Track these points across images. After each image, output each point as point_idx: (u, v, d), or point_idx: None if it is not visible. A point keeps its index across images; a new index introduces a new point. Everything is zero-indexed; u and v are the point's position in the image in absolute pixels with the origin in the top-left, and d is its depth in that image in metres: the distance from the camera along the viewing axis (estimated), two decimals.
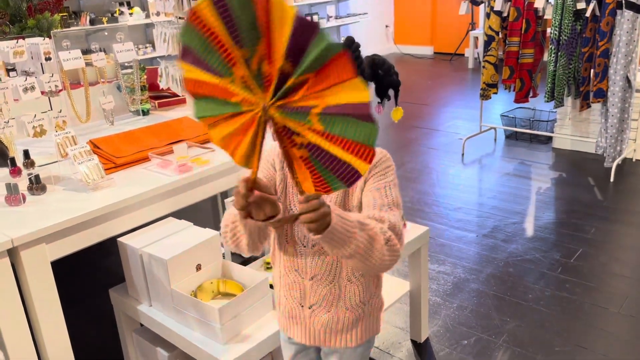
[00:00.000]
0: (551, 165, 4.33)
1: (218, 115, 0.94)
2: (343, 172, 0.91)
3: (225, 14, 0.83)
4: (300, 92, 0.85)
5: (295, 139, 0.90)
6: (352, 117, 0.85)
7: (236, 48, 0.85)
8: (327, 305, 1.34)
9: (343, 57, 0.83)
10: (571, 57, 4.02)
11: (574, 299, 2.62)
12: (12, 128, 2.05)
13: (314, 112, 0.86)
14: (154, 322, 1.77)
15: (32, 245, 1.59)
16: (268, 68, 0.85)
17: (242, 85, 0.88)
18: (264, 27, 0.82)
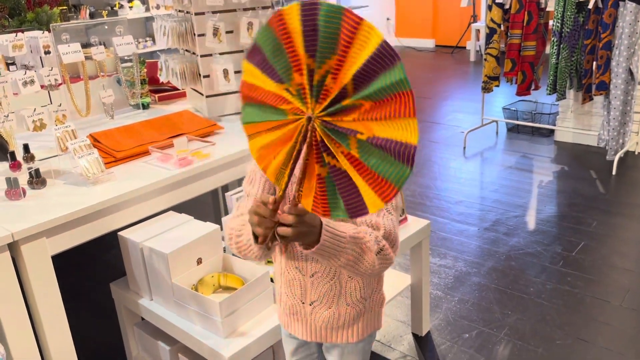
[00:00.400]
0: (553, 159, 4.31)
1: (263, 122, 0.95)
2: (353, 204, 0.91)
3: (309, 22, 0.83)
4: (351, 115, 0.85)
5: (325, 156, 0.90)
6: (392, 155, 0.85)
7: (306, 56, 0.85)
8: (328, 302, 1.33)
9: (408, 96, 0.82)
10: (573, 50, 3.99)
11: (576, 292, 2.61)
12: (11, 122, 2.05)
13: (357, 138, 0.86)
14: (155, 316, 1.77)
15: (32, 239, 1.59)
16: (331, 82, 0.84)
17: (297, 93, 0.88)
18: (343, 43, 0.82)
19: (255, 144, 0.98)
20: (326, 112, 0.87)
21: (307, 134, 0.89)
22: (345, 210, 0.93)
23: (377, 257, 1.16)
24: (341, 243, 1.08)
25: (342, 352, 1.43)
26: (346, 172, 0.89)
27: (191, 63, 2.47)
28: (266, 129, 0.95)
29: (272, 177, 0.99)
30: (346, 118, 0.86)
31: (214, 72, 2.39)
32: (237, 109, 2.52)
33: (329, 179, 0.92)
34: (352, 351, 1.43)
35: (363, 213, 0.91)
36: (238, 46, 2.42)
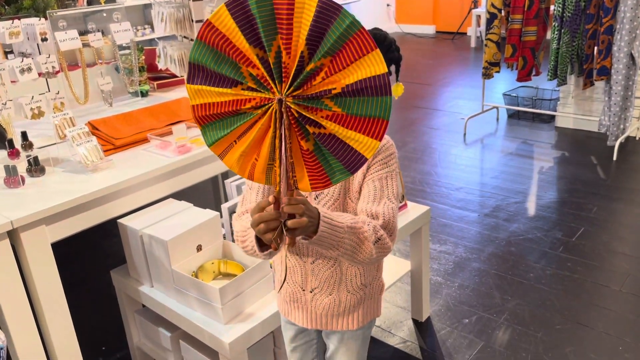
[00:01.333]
0: (554, 145, 4.30)
1: (230, 133, 0.94)
2: (350, 160, 0.91)
3: (241, 16, 0.84)
4: (317, 78, 0.85)
5: (309, 128, 0.90)
6: (369, 94, 0.85)
7: (252, 48, 0.85)
8: (329, 289, 1.34)
9: (361, 34, 0.82)
10: (575, 34, 3.97)
11: (575, 277, 2.62)
12: (9, 110, 2.04)
13: (332, 95, 0.86)
14: (156, 303, 1.78)
15: (32, 227, 1.59)
16: (286, 58, 0.85)
17: (258, 85, 0.88)
18: (284, 19, 0.83)
19: (231, 158, 0.97)
20: (293, 87, 0.87)
21: (282, 117, 0.89)
22: (344, 169, 0.93)
23: (374, 246, 1.16)
24: (339, 233, 1.08)
25: (341, 338, 1.43)
26: (332, 134, 0.90)
27: (189, 50, 2.45)
28: (236, 137, 0.94)
29: (261, 180, 0.98)
30: (314, 82, 0.86)
31: None
32: None
33: (318, 148, 0.92)
34: (351, 337, 1.43)
35: (362, 162, 0.92)
36: None
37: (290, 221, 0.98)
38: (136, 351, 2.02)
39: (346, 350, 1.45)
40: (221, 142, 0.96)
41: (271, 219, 0.98)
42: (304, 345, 1.50)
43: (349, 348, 1.45)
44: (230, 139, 0.95)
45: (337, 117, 0.88)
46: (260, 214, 0.98)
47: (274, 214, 0.98)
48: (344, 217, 1.13)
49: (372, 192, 1.24)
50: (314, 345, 1.52)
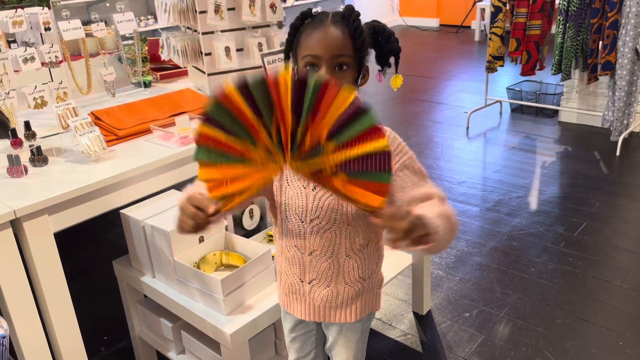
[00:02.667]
0: (557, 139, 4.29)
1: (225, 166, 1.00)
2: (377, 164, 0.96)
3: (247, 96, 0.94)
4: (308, 136, 0.95)
5: (325, 172, 0.97)
6: (349, 118, 0.93)
7: (257, 122, 0.95)
8: (327, 280, 1.34)
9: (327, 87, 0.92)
10: (580, 29, 3.94)
11: (577, 272, 2.62)
12: (12, 99, 2.04)
13: (324, 140, 0.95)
14: (158, 294, 1.78)
15: (34, 216, 1.59)
16: (283, 131, 0.96)
17: (264, 150, 0.98)
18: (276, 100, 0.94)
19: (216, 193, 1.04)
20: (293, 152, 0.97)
21: None
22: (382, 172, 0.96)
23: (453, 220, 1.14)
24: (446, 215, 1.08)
25: (340, 330, 1.44)
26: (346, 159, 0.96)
27: (192, 41, 2.44)
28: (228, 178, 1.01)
29: (215, 197, 1.04)
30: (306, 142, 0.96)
31: (216, 50, 2.37)
32: None
33: (350, 174, 0.97)
34: (350, 329, 1.44)
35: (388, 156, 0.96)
36: (240, 23, 2.40)
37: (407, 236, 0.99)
38: (138, 341, 2.03)
39: (345, 341, 1.45)
40: (211, 170, 1.01)
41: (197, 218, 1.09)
42: (303, 336, 1.51)
43: (348, 339, 1.45)
44: (221, 174, 1.01)
45: (339, 149, 0.96)
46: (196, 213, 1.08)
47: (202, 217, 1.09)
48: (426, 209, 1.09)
49: (409, 180, 1.22)
50: (314, 336, 1.52)
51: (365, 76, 1.28)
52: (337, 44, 1.18)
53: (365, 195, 0.98)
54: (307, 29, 1.22)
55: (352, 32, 1.20)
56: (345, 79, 1.21)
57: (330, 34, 1.19)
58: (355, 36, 1.20)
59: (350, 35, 1.20)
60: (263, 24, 2.42)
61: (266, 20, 2.41)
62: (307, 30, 1.21)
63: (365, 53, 1.24)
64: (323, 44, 1.18)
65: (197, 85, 2.63)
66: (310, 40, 1.20)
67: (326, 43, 1.18)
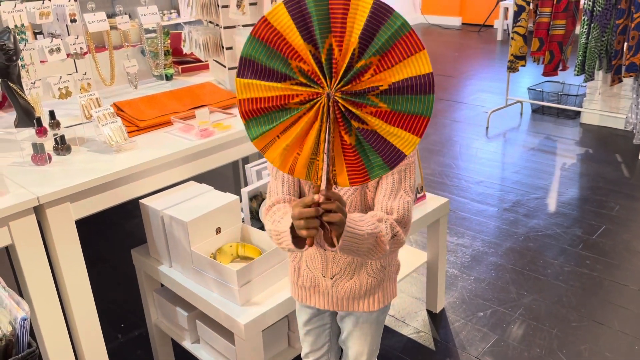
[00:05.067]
0: (578, 141, 4.24)
1: (275, 127, 0.96)
2: (390, 154, 0.95)
3: (298, 14, 0.88)
4: (366, 75, 0.89)
5: (353, 123, 0.93)
6: (414, 92, 0.89)
7: (306, 44, 0.89)
8: (350, 273, 1.36)
9: (411, 35, 0.87)
10: (604, 29, 3.89)
11: (594, 275, 2.60)
12: (38, 89, 2.09)
13: (379, 91, 0.90)
14: (174, 283, 1.82)
15: (57, 203, 1.63)
16: (338, 55, 0.89)
17: (308, 80, 0.92)
18: (338, 18, 0.87)
19: (273, 153, 0.99)
20: (343, 82, 0.90)
21: (329, 111, 0.92)
22: (384, 164, 0.96)
23: (390, 242, 1.21)
24: (359, 241, 1.12)
25: (356, 322, 1.45)
26: (375, 131, 0.94)
27: (214, 35, 2.47)
28: (280, 132, 0.97)
29: (302, 175, 1.00)
30: (362, 79, 0.90)
31: (237, 44, 2.39)
32: None
33: (360, 143, 0.95)
34: (366, 320, 1.45)
35: (402, 158, 0.96)
36: None
37: (328, 216, 1.02)
38: (154, 329, 2.07)
39: (361, 334, 1.47)
40: (264, 137, 0.98)
41: (311, 216, 1.02)
42: (318, 329, 1.53)
43: (363, 332, 1.47)
44: (274, 134, 0.98)
45: (381, 114, 0.92)
46: (300, 210, 1.02)
47: (314, 210, 1.01)
48: (365, 221, 1.16)
49: (391, 185, 1.27)
50: (328, 329, 1.54)
51: None
52: None
53: (342, 167, 0.97)
54: None
55: None
56: None
57: None
58: None
59: None
60: None
61: None
62: None
63: None
64: None
65: (218, 79, 2.65)
66: None
67: None
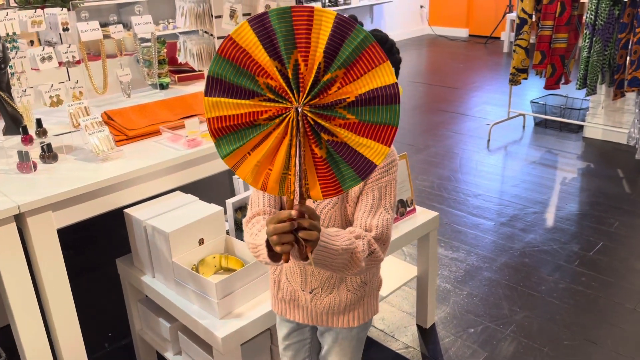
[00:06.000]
0: (580, 155, 4.20)
1: (245, 144, 0.96)
2: (361, 165, 0.95)
3: (263, 31, 0.88)
4: (333, 89, 0.90)
5: (323, 136, 0.93)
6: (380, 103, 0.90)
7: (270, 61, 0.90)
8: (329, 288, 1.34)
9: (373, 47, 0.88)
10: (607, 43, 3.86)
11: (589, 293, 2.55)
12: (29, 97, 2.10)
13: (346, 104, 0.90)
14: (156, 294, 1.80)
15: (38, 212, 1.62)
16: (304, 70, 0.89)
17: (275, 95, 0.92)
18: (302, 34, 0.88)
19: (245, 169, 0.99)
20: (310, 96, 0.91)
21: (299, 125, 0.92)
22: (355, 175, 0.96)
23: (366, 259, 1.19)
24: (333, 255, 1.12)
25: (336, 337, 1.43)
26: (345, 142, 0.94)
27: (208, 45, 2.47)
28: (250, 148, 0.97)
29: (274, 191, 0.99)
30: (329, 92, 0.91)
31: None
32: None
33: (331, 155, 0.95)
34: (346, 337, 1.43)
35: (372, 169, 0.96)
36: None
37: (302, 232, 1.01)
38: (138, 340, 2.06)
39: (340, 350, 1.45)
40: (235, 154, 0.98)
41: (285, 232, 1.00)
42: (297, 344, 1.51)
43: (342, 348, 1.45)
44: (244, 151, 0.98)
45: (350, 125, 0.92)
46: (275, 226, 1.01)
47: (288, 226, 1.00)
48: (341, 236, 1.15)
49: (371, 201, 1.26)
50: (308, 344, 1.52)
51: None
52: None
53: (315, 180, 0.97)
54: None
55: None
56: None
57: None
58: None
59: None
60: None
61: None
62: None
63: None
64: None
65: None
66: None
67: None
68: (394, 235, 2.01)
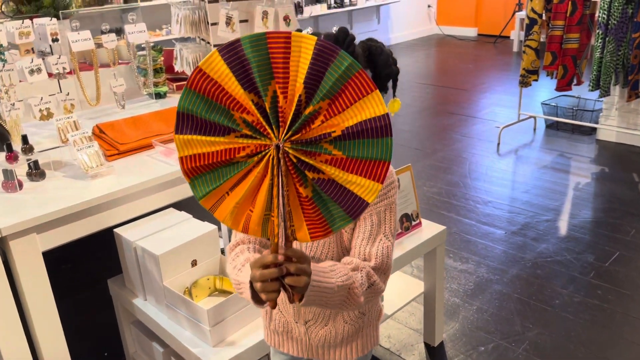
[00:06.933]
0: (593, 159, 4.07)
1: (223, 184, 0.88)
2: (351, 204, 0.86)
3: (235, 61, 0.80)
4: (316, 122, 0.82)
5: (308, 174, 0.85)
6: (369, 136, 0.82)
7: (245, 94, 0.81)
8: (324, 320, 1.25)
9: (360, 75, 0.80)
10: (620, 43, 3.73)
11: (605, 307, 2.43)
12: (18, 111, 2.02)
13: (331, 138, 0.83)
14: (148, 318, 1.72)
15: (21, 235, 1.54)
16: (283, 102, 0.81)
17: (253, 131, 0.84)
18: (279, 62, 0.80)
19: (224, 211, 0.90)
20: (291, 131, 0.82)
21: (280, 163, 0.83)
22: (345, 215, 0.87)
23: (366, 292, 1.10)
24: (327, 294, 1.02)
25: None
26: (332, 179, 0.85)
27: (204, 53, 2.39)
28: (228, 188, 0.88)
29: (257, 233, 0.91)
30: (312, 126, 0.82)
31: None
32: None
33: (317, 194, 0.86)
34: None
35: (364, 207, 0.86)
36: None
37: (288, 279, 0.92)
38: None
39: None
40: (212, 195, 0.90)
41: (271, 277, 0.92)
42: None
43: None
44: (222, 191, 0.89)
45: (337, 161, 0.84)
46: (260, 272, 0.92)
47: (274, 272, 0.91)
48: (336, 272, 1.05)
49: (369, 228, 1.17)
50: None
51: None
52: None
53: (301, 220, 0.88)
54: None
55: None
56: None
57: None
58: None
59: None
60: None
61: None
62: None
63: None
64: None
65: None
66: None
67: None
68: (399, 252, 1.91)
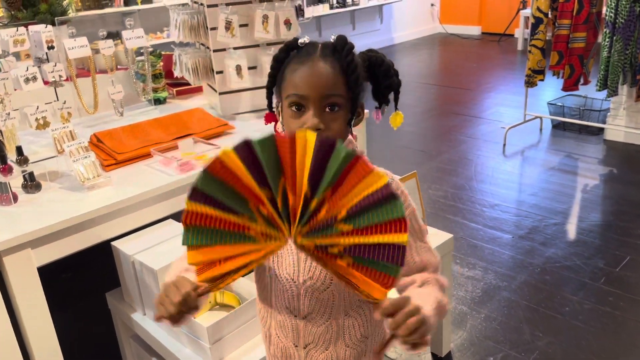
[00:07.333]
0: (601, 160, 4.00)
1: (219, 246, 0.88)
2: (390, 255, 0.86)
3: (248, 158, 0.84)
4: (322, 211, 0.86)
5: (332, 250, 0.87)
6: (376, 204, 0.85)
7: (259, 188, 0.85)
8: (325, 344, 1.19)
9: (356, 162, 0.83)
10: (628, 42, 3.66)
11: (617, 314, 2.37)
12: (14, 120, 1.97)
13: (339, 219, 0.86)
14: (147, 334, 1.67)
15: (15, 250, 1.50)
16: (292, 199, 0.86)
17: (264, 222, 0.87)
18: (287, 161, 0.84)
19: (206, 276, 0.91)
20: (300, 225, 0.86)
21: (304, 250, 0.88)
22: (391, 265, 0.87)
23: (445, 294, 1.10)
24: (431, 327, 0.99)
25: None
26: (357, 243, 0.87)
27: (204, 58, 2.34)
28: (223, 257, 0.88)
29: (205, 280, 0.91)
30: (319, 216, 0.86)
31: (227, 69, 2.26)
32: (252, 107, 2.39)
33: (356, 259, 0.87)
34: None
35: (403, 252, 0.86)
36: (252, 40, 2.28)
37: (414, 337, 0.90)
38: None
39: None
40: (204, 252, 0.88)
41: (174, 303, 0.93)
42: None
43: None
44: (215, 254, 0.88)
45: (355, 232, 0.86)
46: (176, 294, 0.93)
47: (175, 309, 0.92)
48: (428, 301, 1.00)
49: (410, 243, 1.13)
50: None
51: (360, 115, 1.12)
52: (327, 82, 1.03)
53: (367, 284, 0.88)
54: (292, 62, 1.07)
55: (345, 68, 1.04)
56: (337, 121, 1.05)
57: (318, 71, 1.03)
58: (348, 73, 1.04)
59: (343, 71, 1.04)
60: (277, 41, 2.29)
61: (280, 37, 2.27)
62: (293, 64, 1.06)
63: (359, 90, 1.08)
64: (310, 83, 1.03)
65: (212, 103, 2.52)
66: (295, 77, 1.04)
67: (314, 81, 1.03)
68: None
